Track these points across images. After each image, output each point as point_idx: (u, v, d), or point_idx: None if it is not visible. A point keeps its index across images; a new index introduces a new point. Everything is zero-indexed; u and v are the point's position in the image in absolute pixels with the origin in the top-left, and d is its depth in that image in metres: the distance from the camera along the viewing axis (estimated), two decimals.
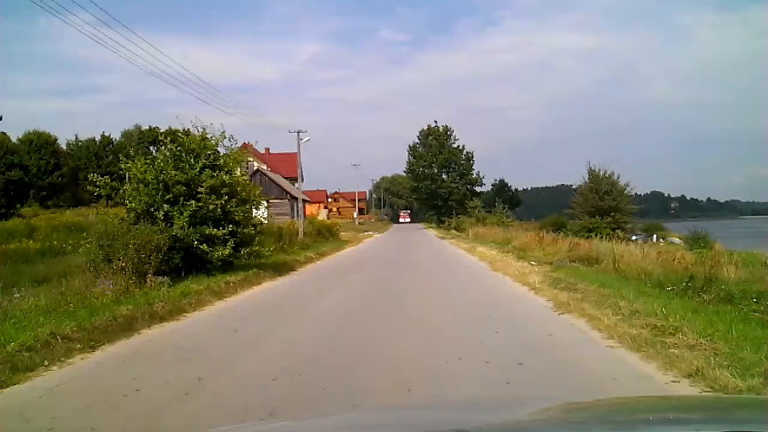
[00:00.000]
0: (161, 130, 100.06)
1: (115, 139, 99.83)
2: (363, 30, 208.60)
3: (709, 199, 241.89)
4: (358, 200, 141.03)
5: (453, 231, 64.39)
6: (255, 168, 56.45)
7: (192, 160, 17.34)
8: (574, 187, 54.79)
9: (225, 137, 18.44)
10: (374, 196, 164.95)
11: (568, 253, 26.01)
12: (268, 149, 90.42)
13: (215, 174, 17.19)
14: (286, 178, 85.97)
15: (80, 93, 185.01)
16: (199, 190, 16.70)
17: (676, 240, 49.81)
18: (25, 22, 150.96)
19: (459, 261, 25.24)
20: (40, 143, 71.84)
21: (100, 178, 17.30)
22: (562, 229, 46.52)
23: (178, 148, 17.55)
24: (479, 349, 7.70)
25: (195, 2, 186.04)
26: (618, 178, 49.11)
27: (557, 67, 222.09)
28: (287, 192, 55.46)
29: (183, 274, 15.45)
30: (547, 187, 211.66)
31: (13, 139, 70.61)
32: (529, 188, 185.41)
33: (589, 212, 47.89)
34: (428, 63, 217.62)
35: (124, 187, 17.00)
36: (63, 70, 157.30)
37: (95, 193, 17.96)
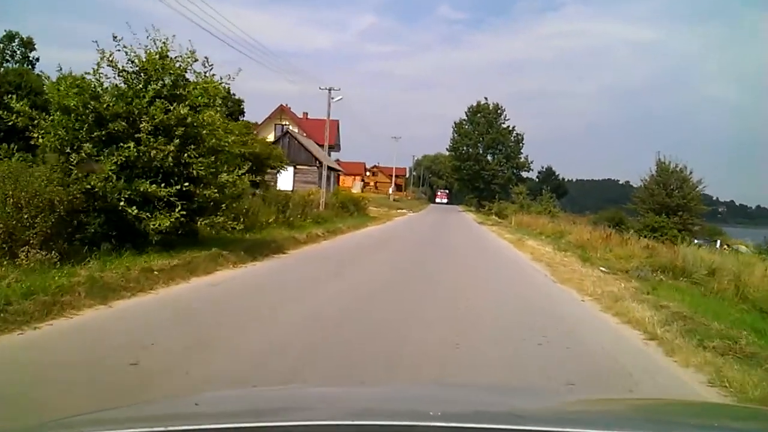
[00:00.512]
0: None
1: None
2: (420, 5, 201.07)
3: (759, 207, 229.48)
4: (397, 176, 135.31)
5: (494, 217, 58.44)
6: (285, 130, 51.31)
7: (141, 85, 11.98)
8: (620, 182, 48.86)
9: (196, 59, 12.94)
10: (414, 174, 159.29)
11: (647, 259, 20.13)
12: (306, 114, 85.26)
13: (171, 107, 11.77)
14: (321, 145, 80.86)
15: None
16: (140, 127, 11.35)
17: (743, 248, 43.16)
18: None
19: (506, 259, 19.54)
20: None
21: (19, 103, 12.00)
22: (620, 226, 40.40)
23: (125, 68, 12.16)
24: None
25: None
26: (690, 173, 42.41)
27: (614, 57, 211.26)
28: (317, 159, 50.17)
29: (104, 249, 10.25)
30: (593, 180, 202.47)
31: None
32: (574, 180, 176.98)
33: (653, 209, 41.44)
34: (483, 44, 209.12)
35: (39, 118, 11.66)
36: (108, 20, 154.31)
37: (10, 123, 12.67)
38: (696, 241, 41.51)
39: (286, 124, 75.19)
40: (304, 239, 17.95)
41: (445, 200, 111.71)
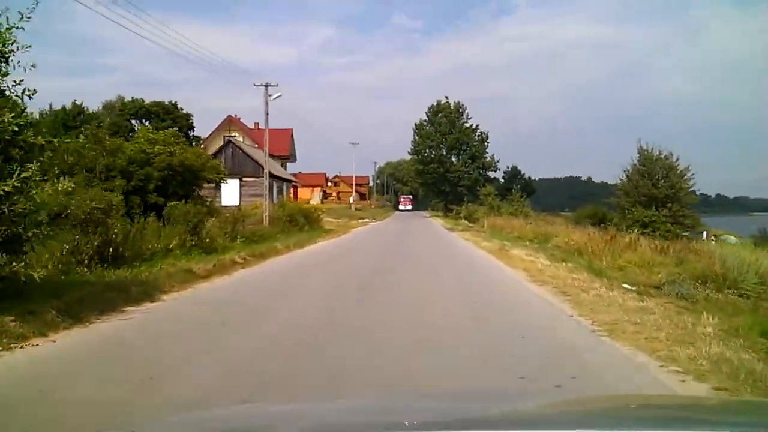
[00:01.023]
0: (146, 102, 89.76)
1: (95, 110, 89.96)
2: (376, 16, 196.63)
3: (718, 195, 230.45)
4: (359, 185, 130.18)
5: (464, 221, 53.65)
6: (227, 139, 45.88)
7: None
8: (583, 179, 45.07)
9: None
10: (378, 182, 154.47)
11: (676, 267, 15.27)
12: (258, 124, 79.58)
13: None
14: (276, 156, 75.26)
15: (89, 72, 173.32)
16: None
17: (732, 239, 39.14)
18: None
19: (497, 284, 13.98)
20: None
21: None
22: (603, 223, 35.97)
23: None
24: None
25: None
26: (677, 161, 38.13)
27: (569, 58, 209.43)
28: (265, 170, 44.67)
29: None
30: (555, 178, 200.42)
31: None
32: (537, 179, 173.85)
33: (640, 202, 37.03)
34: (440, 50, 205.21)
35: None
36: (73, 48, 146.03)
37: None
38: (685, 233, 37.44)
39: (234, 136, 69.50)
40: (207, 271, 12.53)
41: (410, 207, 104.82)
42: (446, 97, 74.68)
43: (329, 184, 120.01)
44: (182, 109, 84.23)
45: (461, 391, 4.05)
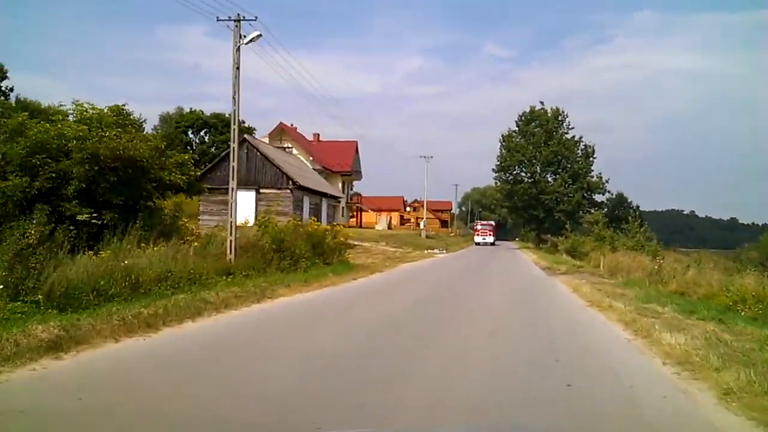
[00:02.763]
0: (205, 114, 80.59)
1: (153, 125, 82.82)
2: (466, 46, 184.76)
3: None
4: (441, 211, 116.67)
5: (564, 257, 39.16)
6: (241, 137, 34.17)
7: None
8: (685, 212, 30.09)
9: None
10: (463, 209, 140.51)
11: None
12: (318, 135, 68.34)
13: None
14: (336, 172, 63.41)
15: (189, 100, 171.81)
16: None
17: None
18: (145, 32, 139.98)
19: None
20: None
21: None
22: None
23: None
24: None
25: (303, 18, 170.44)
26: None
27: (669, 87, 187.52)
28: (291, 179, 32.45)
29: None
30: (655, 211, 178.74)
31: None
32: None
33: None
34: (531, 80, 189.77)
35: None
36: (186, 79, 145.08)
37: None
38: None
39: (287, 147, 58.22)
40: None
41: (490, 237, 66.05)
42: (541, 103, 60.42)
43: (407, 209, 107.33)
44: (244, 122, 74.71)
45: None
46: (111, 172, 18.57)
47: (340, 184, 63.32)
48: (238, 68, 17.40)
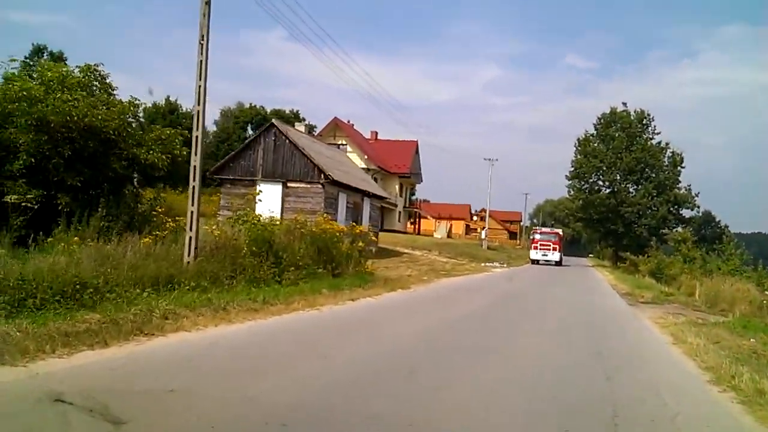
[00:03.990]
0: (266, 110, 78.08)
1: (214, 119, 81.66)
2: (546, 56, 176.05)
3: None
4: (509, 222, 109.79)
5: (647, 279, 32.76)
6: (269, 123, 29.82)
7: None
8: None
9: None
10: (535, 221, 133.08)
11: None
12: (376, 133, 63.72)
13: None
14: (393, 173, 58.53)
15: (268, 103, 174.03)
16: None
17: None
18: (227, 35, 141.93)
19: None
20: None
21: None
22: None
23: None
24: None
25: (379, 24, 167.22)
26: None
27: (758, 104, 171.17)
28: (323, 171, 27.78)
29: None
30: (740, 233, 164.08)
31: None
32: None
33: None
34: (613, 92, 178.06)
35: None
36: (253, 81, 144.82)
37: None
38: None
39: (341, 144, 53.90)
40: None
41: (555, 254, 43.82)
42: (624, 104, 53.38)
43: (474, 218, 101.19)
44: (304, 120, 71.44)
45: None
46: (66, 144, 14.55)
47: (397, 186, 58.40)
48: (207, 3, 12.80)
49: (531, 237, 48.30)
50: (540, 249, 43.88)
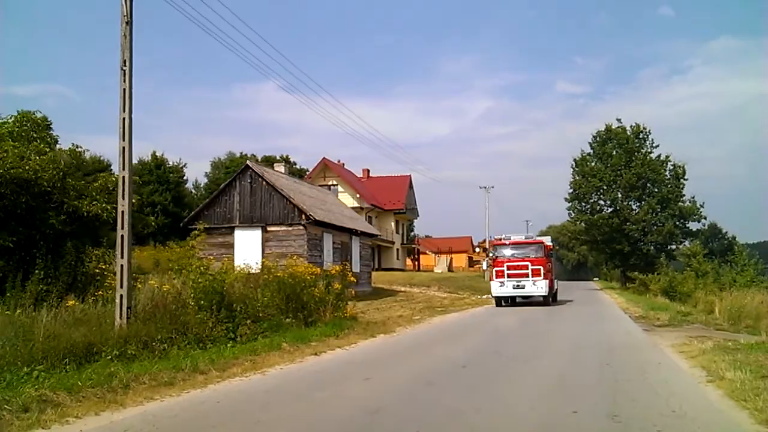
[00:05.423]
0: (256, 156, 76.80)
1: (205, 171, 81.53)
2: (537, 85, 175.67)
3: None
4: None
5: (660, 298, 30.43)
6: (244, 165, 28.03)
7: None
8: None
9: None
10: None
11: None
12: (368, 171, 62.04)
13: None
14: (389, 210, 56.67)
15: (270, 152, 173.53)
16: None
17: None
18: (221, 90, 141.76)
19: None
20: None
21: None
22: None
23: None
24: None
25: (370, 67, 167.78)
26: None
27: (752, 115, 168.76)
28: (303, 212, 25.86)
29: None
30: (746, 243, 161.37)
31: None
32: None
33: None
34: (606, 114, 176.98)
35: None
36: (260, 134, 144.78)
37: None
38: None
39: (332, 184, 52.25)
40: None
41: (539, 284, 24.43)
42: (618, 120, 51.72)
43: (476, 249, 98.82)
44: (295, 164, 70.23)
45: None
46: None
47: (393, 223, 56.44)
48: (128, 23, 11.04)
49: (490, 255, 27.94)
50: (510, 277, 25.01)
